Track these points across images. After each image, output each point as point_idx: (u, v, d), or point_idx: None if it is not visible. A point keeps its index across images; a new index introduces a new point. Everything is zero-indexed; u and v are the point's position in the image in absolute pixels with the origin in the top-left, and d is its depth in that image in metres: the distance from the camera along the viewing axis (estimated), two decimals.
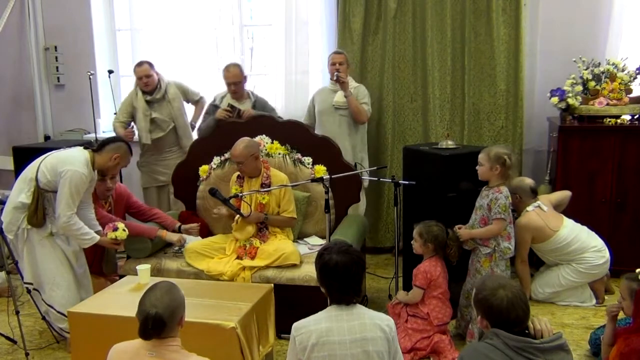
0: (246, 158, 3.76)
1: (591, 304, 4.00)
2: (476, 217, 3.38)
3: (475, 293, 2.13)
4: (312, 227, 4.11)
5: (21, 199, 3.42)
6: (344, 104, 4.45)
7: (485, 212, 3.32)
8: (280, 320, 3.24)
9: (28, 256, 3.47)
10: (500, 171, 3.28)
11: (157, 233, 3.81)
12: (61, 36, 5.53)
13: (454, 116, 4.84)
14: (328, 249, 2.28)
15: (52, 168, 3.39)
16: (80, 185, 3.36)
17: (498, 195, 3.27)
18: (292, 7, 4.94)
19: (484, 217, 3.34)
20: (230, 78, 4.37)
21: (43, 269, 3.47)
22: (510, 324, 2.01)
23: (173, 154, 4.77)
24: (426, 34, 4.74)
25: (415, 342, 3.32)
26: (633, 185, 4.24)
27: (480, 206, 3.36)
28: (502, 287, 2.05)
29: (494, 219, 3.28)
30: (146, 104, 4.63)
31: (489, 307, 2.05)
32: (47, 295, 3.48)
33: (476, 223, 3.38)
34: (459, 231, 3.39)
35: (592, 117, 4.32)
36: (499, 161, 3.26)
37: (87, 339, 2.92)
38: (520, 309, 2.02)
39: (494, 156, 3.27)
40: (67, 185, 3.32)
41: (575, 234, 3.94)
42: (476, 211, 3.40)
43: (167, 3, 5.24)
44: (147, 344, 2.11)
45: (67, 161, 3.38)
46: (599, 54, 4.48)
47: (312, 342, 2.15)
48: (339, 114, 4.51)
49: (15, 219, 3.43)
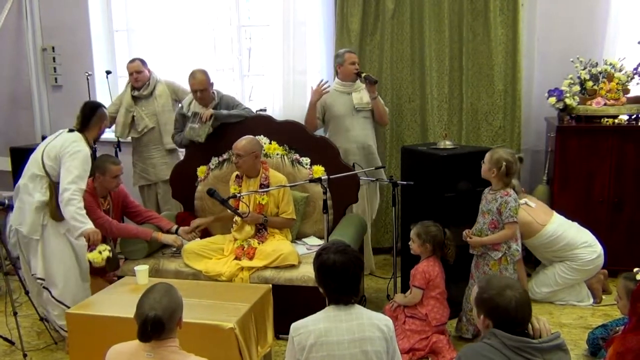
0: (247, 153, 3.76)
1: (589, 304, 4.01)
2: (484, 221, 3.33)
3: (479, 292, 2.11)
4: (310, 228, 4.11)
5: (38, 199, 3.43)
6: (367, 104, 4.33)
7: (495, 216, 3.27)
8: (278, 321, 3.24)
9: (43, 252, 3.47)
10: (497, 175, 3.24)
11: (153, 235, 3.80)
12: (59, 37, 5.53)
13: (452, 116, 4.84)
14: (326, 249, 2.28)
15: (55, 157, 3.41)
16: (87, 164, 3.40)
17: (508, 199, 3.24)
18: (289, 8, 4.93)
19: (493, 221, 3.29)
20: (196, 85, 4.16)
21: (57, 265, 3.49)
22: (515, 324, 2.01)
23: (158, 152, 4.77)
24: (424, 34, 4.74)
25: (413, 343, 3.32)
26: (630, 185, 4.24)
27: (489, 210, 3.30)
28: (509, 288, 2.04)
29: (506, 222, 3.23)
30: (132, 99, 4.66)
31: (494, 307, 2.03)
32: (60, 291, 3.49)
33: (485, 227, 3.32)
34: (469, 240, 3.35)
35: (590, 117, 4.32)
36: (497, 165, 3.23)
37: (85, 340, 2.92)
38: (526, 310, 2.02)
39: (495, 159, 3.24)
40: (77, 159, 3.35)
41: (563, 229, 3.96)
42: (483, 215, 3.34)
43: (164, 4, 5.24)
44: (145, 345, 2.11)
45: (69, 144, 3.41)
46: (596, 54, 4.48)
47: (310, 343, 2.15)
48: (362, 116, 4.36)
49: (37, 219, 3.45)
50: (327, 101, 4.37)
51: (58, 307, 3.50)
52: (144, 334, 2.08)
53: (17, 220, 3.49)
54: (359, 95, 4.35)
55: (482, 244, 3.31)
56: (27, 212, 3.44)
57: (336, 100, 4.36)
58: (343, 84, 4.38)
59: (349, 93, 4.36)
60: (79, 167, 3.34)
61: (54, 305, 3.52)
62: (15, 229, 3.51)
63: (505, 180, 3.26)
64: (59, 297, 3.48)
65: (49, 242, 3.48)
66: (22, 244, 3.53)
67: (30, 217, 3.44)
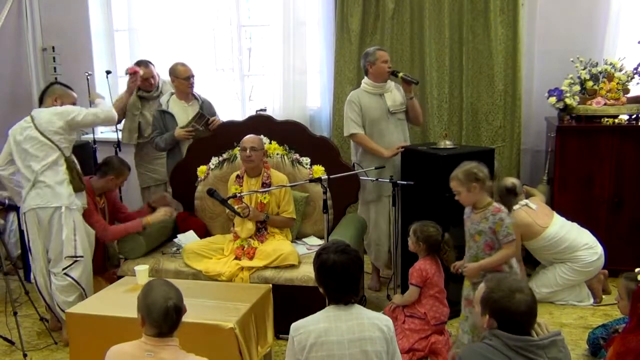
0: (260, 147, 3.82)
1: (589, 304, 4.01)
2: (478, 245, 3.00)
3: (488, 292, 2.08)
4: (310, 228, 4.11)
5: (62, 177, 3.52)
6: (401, 105, 4.10)
7: (489, 236, 2.95)
8: (278, 321, 3.24)
9: (75, 227, 3.52)
10: (479, 187, 2.94)
11: (143, 223, 3.85)
12: (59, 37, 5.52)
13: (452, 116, 4.84)
14: (326, 248, 2.28)
15: (49, 121, 3.52)
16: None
17: (502, 215, 2.93)
18: (289, 8, 4.93)
19: (488, 243, 2.96)
20: (188, 72, 4.25)
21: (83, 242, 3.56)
22: (521, 327, 2.00)
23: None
24: (424, 34, 4.74)
25: (413, 342, 3.32)
26: (630, 184, 4.24)
27: (479, 232, 2.97)
28: (519, 291, 2.03)
29: (505, 242, 2.92)
30: (139, 99, 4.61)
31: (502, 309, 2.02)
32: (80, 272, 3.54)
33: (480, 251, 3.00)
34: (465, 270, 3.04)
35: (590, 117, 4.32)
36: (471, 177, 2.93)
37: (86, 340, 2.92)
38: (534, 314, 2.02)
39: (464, 177, 2.95)
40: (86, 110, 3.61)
41: (565, 231, 3.96)
42: (474, 238, 3.01)
43: (165, 3, 5.24)
44: (145, 344, 2.11)
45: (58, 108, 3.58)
46: (596, 53, 4.48)
47: (310, 342, 2.15)
48: (396, 118, 4.11)
49: (68, 190, 3.53)
50: (362, 103, 4.05)
51: (76, 292, 3.53)
52: (172, 324, 2.11)
53: (47, 198, 3.48)
54: (392, 96, 4.09)
55: (481, 270, 2.95)
56: (56, 187, 3.48)
57: (372, 104, 4.06)
58: (374, 84, 4.05)
59: (382, 94, 4.07)
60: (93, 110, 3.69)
61: (72, 290, 3.53)
62: (37, 211, 3.48)
63: (487, 187, 2.97)
64: (79, 278, 3.53)
65: (77, 218, 3.54)
66: (42, 226, 3.51)
67: (61, 190, 3.49)
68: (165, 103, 4.34)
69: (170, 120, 4.29)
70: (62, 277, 3.51)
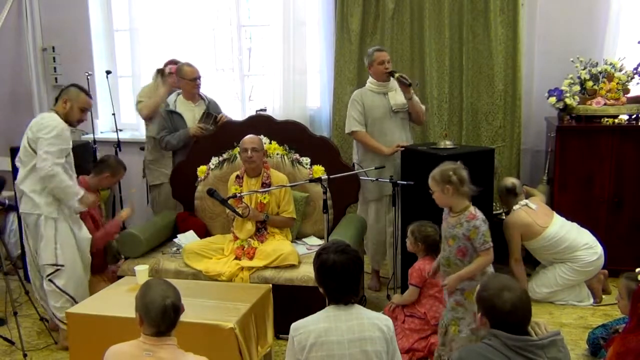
0: (261, 148, 3.85)
1: (589, 304, 4.01)
2: (450, 249, 2.87)
3: (480, 290, 2.12)
4: (310, 228, 4.11)
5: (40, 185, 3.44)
6: (404, 105, 4.11)
7: (462, 242, 2.81)
8: (278, 321, 3.24)
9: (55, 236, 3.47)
10: (452, 190, 2.80)
11: (117, 221, 3.95)
12: (59, 37, 5.52)
13: (452, 116, 4.84)
14: (326, 248, 2.28)
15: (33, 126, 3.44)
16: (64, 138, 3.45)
17: (476, 223, 2.77)
18: (289, 8, 4.93)
19: (461, 248, 2.82)
20: (195, 73, 4.24)
21: (65, 252, 3.50)
22: (511, 325, 2.01)
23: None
24: (424, 34, 4.74)
25: (412, 342, 3.32)
26: (630, 184, 4.24)
27: (454, 236, 2.83)
28: (508, 289, 2.04)
29: (482, 250, 2.78)
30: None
31: (491, 307, 2.04)
32: (65, 281, 3.50)
33: (452, 256, 2.87)
34: (445, 287, 2.90)
35: (590, 117, 4.32)
36: (444, 179, 2.80)
37: (85, 340, 2.92)
38: (522, 313, 2.02)
39: (439, 177, 2.83)
40: (51, 134, 3.37)
41: (565, 231, 3.96)
42: (447, 241, 2.89)
43: (165, 3, 5.24)
44: (143, 343, 2.11)
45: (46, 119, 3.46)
46: (596, 53, 4.48)
47: (310, 342, 2.15)
48: (399, 117, 4.13)
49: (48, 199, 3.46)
50: (365, 102, 4.09)
51: (62, 298, 3.50)
52: (170, 322, 2.11)
53: (28, 205, 3.47)
54: (395, 96, 4.10)
55: (460, 280, 2.82)
56: (33, 196, 3.44)
57: (375, 103, 4.09)
58: (377, 83, 4.09)
59: (385, 93, 4.10)
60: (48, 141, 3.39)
61: (58, 296, 3.50)
62: (24, 216, 3.50)
63: (462, 191, 2.81)
64: (64, 287, 3.49)
65: (60, 226, 3.50)
66: (30, 231, 3.52)
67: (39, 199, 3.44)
68: (173, 103, 4.34)
69: (179, 120, 4.30)
70: (48, 283, 3.51)
